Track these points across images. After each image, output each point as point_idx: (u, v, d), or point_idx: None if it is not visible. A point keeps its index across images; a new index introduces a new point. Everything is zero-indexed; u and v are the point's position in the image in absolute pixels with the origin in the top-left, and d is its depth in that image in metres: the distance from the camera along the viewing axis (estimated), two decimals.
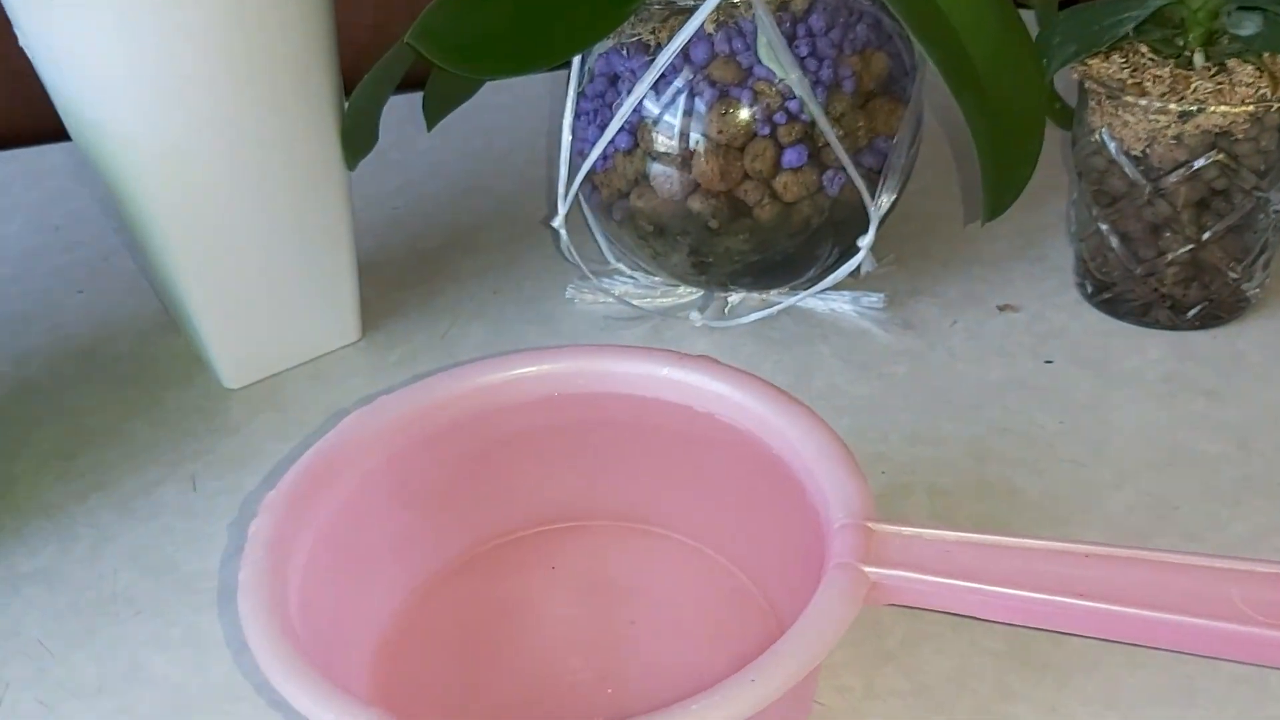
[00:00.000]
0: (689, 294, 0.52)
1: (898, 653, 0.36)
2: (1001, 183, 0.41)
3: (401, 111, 0.50)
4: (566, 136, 0.47)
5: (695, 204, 0.46)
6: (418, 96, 0.49)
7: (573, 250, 0.49)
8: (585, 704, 0.33)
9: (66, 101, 0.43)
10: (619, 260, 0.53)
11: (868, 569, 0.28)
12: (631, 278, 0.53)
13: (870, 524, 0.29)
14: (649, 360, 0.36)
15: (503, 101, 0.69)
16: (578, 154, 0.48)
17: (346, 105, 0.47)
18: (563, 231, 0.48)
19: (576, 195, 0.48)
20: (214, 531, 0.43)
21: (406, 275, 0.56)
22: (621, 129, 0.45)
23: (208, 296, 0.47)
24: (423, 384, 0.36)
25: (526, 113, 0.69)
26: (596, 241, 0.52)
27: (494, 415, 0.36)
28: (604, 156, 0.47)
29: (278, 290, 0.48)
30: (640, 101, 0.45)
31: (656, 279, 0.52)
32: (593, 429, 0.37)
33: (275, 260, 0.48)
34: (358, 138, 0.47)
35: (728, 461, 0.35)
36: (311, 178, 0.47)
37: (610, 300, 0.52)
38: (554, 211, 0.48)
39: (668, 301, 0.52)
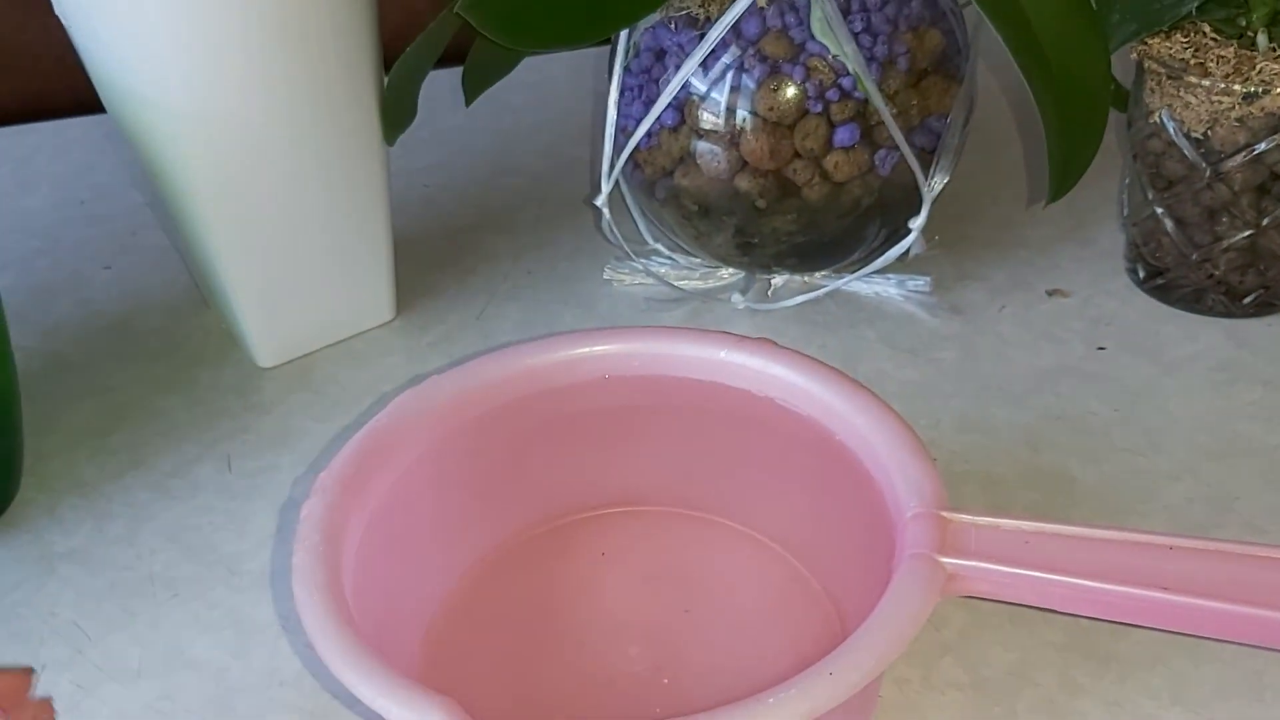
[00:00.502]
0: (730, 275, 0.51)
1: (956, 644, 0.35)
2: (1067, 162, 0.40)
3: (429, 87, 0.49)
4: (611, 113, 0.46)
5: (742, 183, 0.45)
6: (447, 73, 0.48)
7: (614, 229, 0.48)
8: (642, 693, 0.32)
9: (105, 76, 0.42)
10: (657, 240, 0.52)
11: (944, 559, 0.27)
12: (670, 258, 0.52)
13: (944, 513, 0.28)
14: (706, 343, 0.35)
15: (532, 79, 0.68)
16: (621, 131, 0.47)
17: (386, 79, 0.46)
18: (605, 210, 0.47)
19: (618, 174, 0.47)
20: (252, 512, 0.42)
21: (440, 254, 0.55)
22: (668, 105, 0.44)
23: (244, 274, 0.46)
24: (474, 364, 0.35)
25: (557, 90, 0.68)
26: (634, 221, 0.51)
27: (546, 397, 0.35)
28: (648, 134, 0.46)
29: (313, 268, 0.47)
30: (687, 77, 0.44)
31: (696, 260, 0.51)
32: (646, 412, 0.36)
33: (312, 238, 0.47)
34: (397, 112, 0.46)
35: (786, 447, 0.34)
36: (350, 154, 0.46)
37: (649, 281, 0.51)
38: (593, 190, 0.48)
39: (708, 283, 0.51)
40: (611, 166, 0.46)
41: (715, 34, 0.42)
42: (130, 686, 0.36)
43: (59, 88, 0.69)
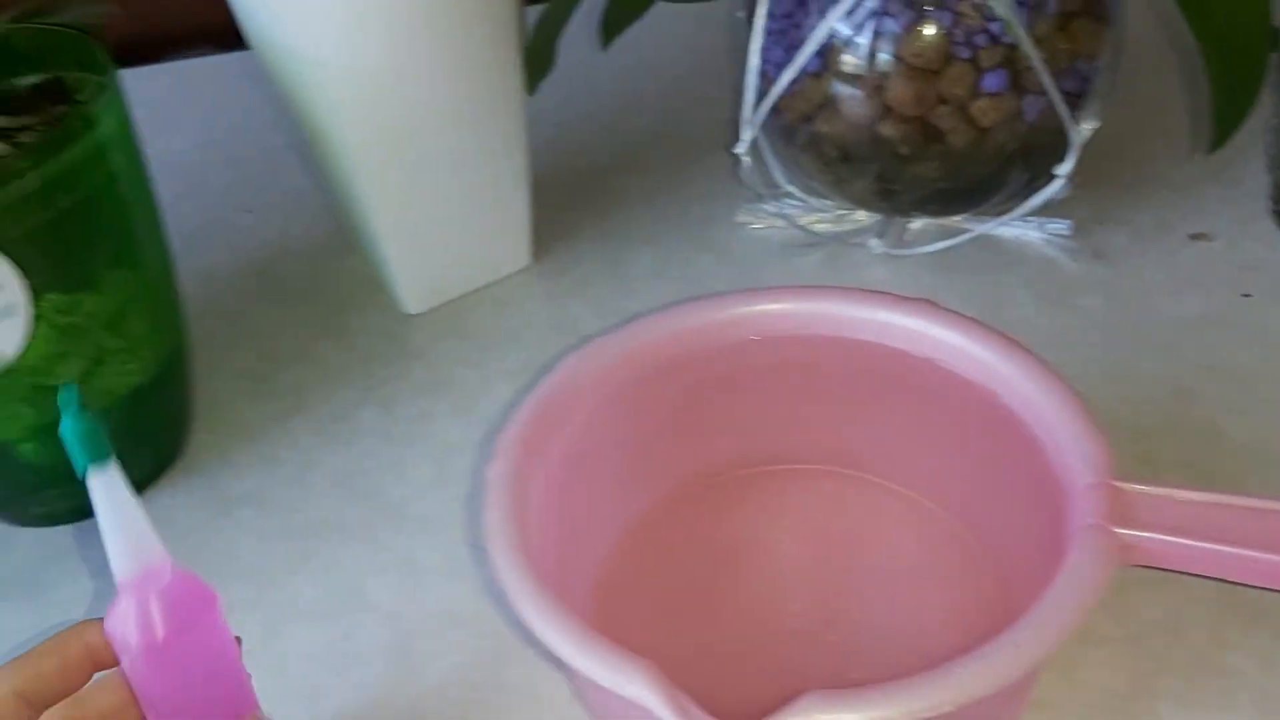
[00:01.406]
0: (865, 218, 0.51)
1: (1108, 600, 0.36)
2: (1229, 109, 0.40)
3: None
4: (754, 60, 0.46)
5: (886, 129, 0.45)
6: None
7: (757, 177, 0.48)
8: (808, 647, 0.33)
9: (263, 32, 0.43)
10: (791, 183, 0.52)
11: (1119, 530, 0.28)
12: (803, 201, 0.52)
13: (1118, 483, 0.29)
14: (866, 303, 0.35)
15: (659, 12, 0.68)
16: (760, 76, 0.47)
17: (530, 31, 0.46)
18: (746, 159, 0.47)
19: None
20: (413, 457, 0.44)
21: (572, 197, 0.56)
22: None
23: (394, 224, 0.47)
24: (635, 326, 0.36)
25: (682, 24, 0.67)
26: (768, 164, 0.51)
27: (705, 356, 0.36)
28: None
29: (458, 216, 0.49)
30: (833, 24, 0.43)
31: (829, 202, 0.51)
32: (803, 370, 0.36)
33: (457, 186, 0.48)
34: (538, 62, 0.47)
35: (945, 408, 0.35)
36: (493, 103, 0.46)
37: (781, 224, 0.51)
38: (724, 129, 0.48)
39: (842, 226, 0.51)
40: (754, 113, 0.46)
41: None
42: (313, 627, 0.39)
43: (185, 20, 0.70)
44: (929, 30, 0.43)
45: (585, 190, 0.56)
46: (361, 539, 0.41)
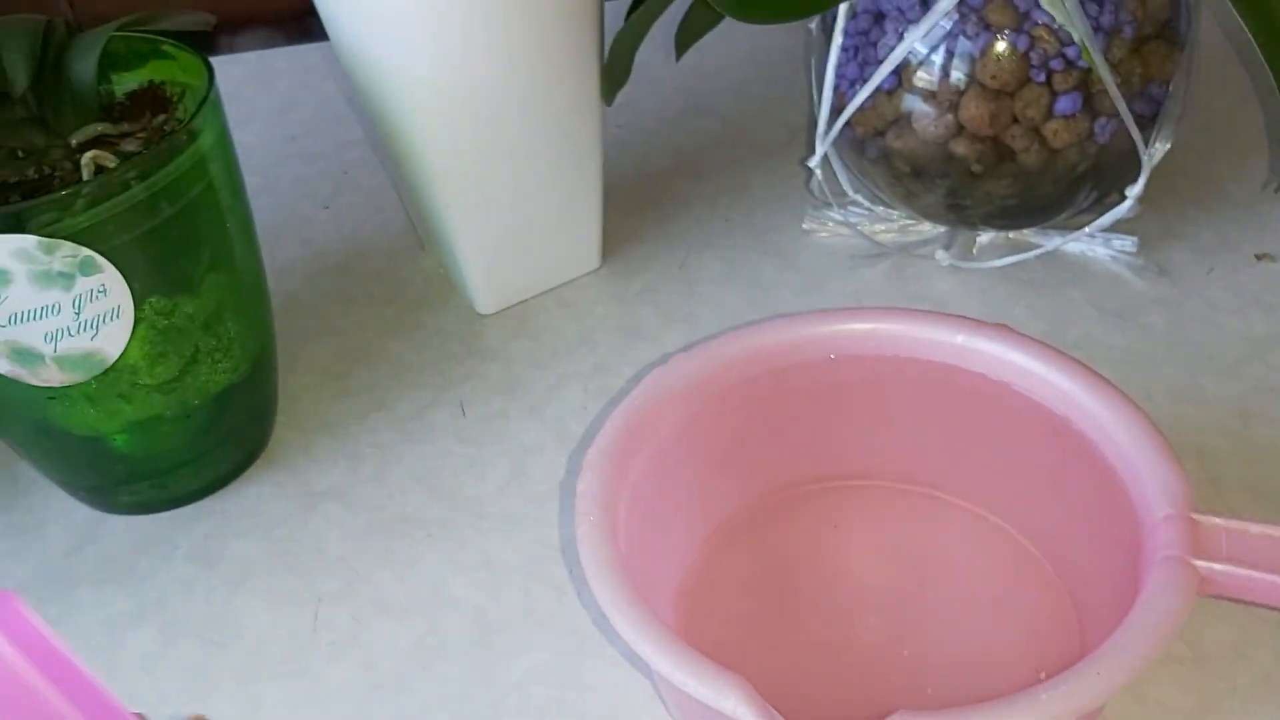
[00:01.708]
0: (932, 230, 0.52)
1: None
2: None
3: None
4: (830, 77, 0.46)
5: (958, 147, 0.46)
6: None
7: (825, 188, 0.49)
8: (883, 663, 0.35)
9: (347, 38, 0.44)
10: (857, 192, 0.53)
11: (1197, 562, 0.29)
12: (869, 210, 0.53)
13: (1195, 515, 0.30)
14: (943, 326, 0.36)
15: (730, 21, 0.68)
16: (834, 90, 0.47)
17: (609, 43, 0.47)
18: (818, 172, 0.48)
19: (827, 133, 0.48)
20: (490, 457, 0.45)
21: (637, 199, 0.57)
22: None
23: (470, 227, 0.49)
24: (720, 341, 0.37)
25: (754, 33, 0.68)
26: (835, 173, 0.52)
27: (783, 373, 0.37)
28: None
29: (533, 220, 0.50)
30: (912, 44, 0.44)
31: (895, 212, 0.52)
32: (880, 389, 0.37)
33: (534, 192, 0.49)
34: (617, 71, 0.48)
35: (1021, 432, 0.36)
36: (571, 111, 0.47)
37: (848, 233, 0.52)
38: (791, 139, 0.48)
39: (908, 237, 0.52)
40: (828, 128, 0.47)
41: (945, 5, 0.42)
42: (399, 621, 0.40)
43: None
44: (1006, 52, 0.43)
45: (647, 193, 0.57)
46: (442, 536, 0.43)
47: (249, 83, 0.69)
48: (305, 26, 1.01)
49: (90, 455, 0.43)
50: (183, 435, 0.43)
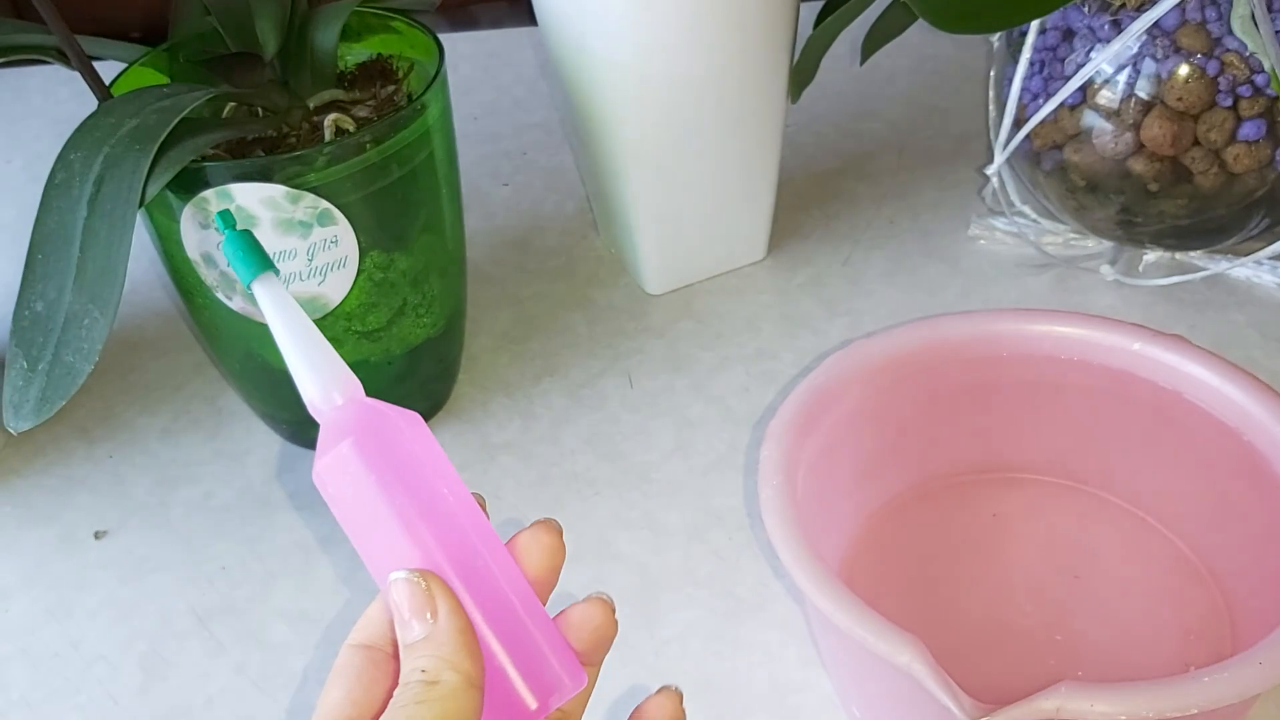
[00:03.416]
0: (1098, 245, 0.53)
1: None
2: None
3: None
4: (1015, 90, 0.48)
5: (1136, 165, 0.47)
6: None
7: (1000, 199, 0.51)
8: (1037, 645, 0.36)
9: (559, 30, 0.48)
10: (1025, 203, 0.54)
11: None
12: (1036, 221, 0.54)
13: None
14: (1121, 333, 0.38)
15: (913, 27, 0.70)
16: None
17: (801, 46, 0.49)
18: (995, 180, 0.50)
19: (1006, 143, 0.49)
20: (656, 427, 0.48)
21: (803, 196, 0.59)
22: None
23: (650, 209, 0.51)
24: (900, 330, 0.39)
25: (913, 38, 0.69)
26: (1004, 182, 0.54)
27: (956, 366, 0.39)
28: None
29: (710, 209, 0.52)
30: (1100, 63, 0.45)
31: (1062, 224, 0.53)
32: (1052, 390, 0.39)
33: (715, 183, 0.51)
34: (805, 71, 0.50)
35: (1187, 440, 0.37)
36: (759, 109, 0.50)
37: (1013, 242, 0.54)
38: (960, 147, 0.50)
39: (1074, 251, 0.53)
40: (1009, 138, 0.49)
41: (1138, 27, 0.44)
42: (567, 570, 0.43)
43: None
44: (1194, 75, 0.44)
45: (815, 191, 0.59)
46: (609, 495, 0.46)
47: None
48: (470, 15, 1.05)
49: (295, 391, 0.47)
50: (380, 381, 0.47)
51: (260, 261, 0.27)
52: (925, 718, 0.31)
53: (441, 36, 0.75)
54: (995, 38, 0.51)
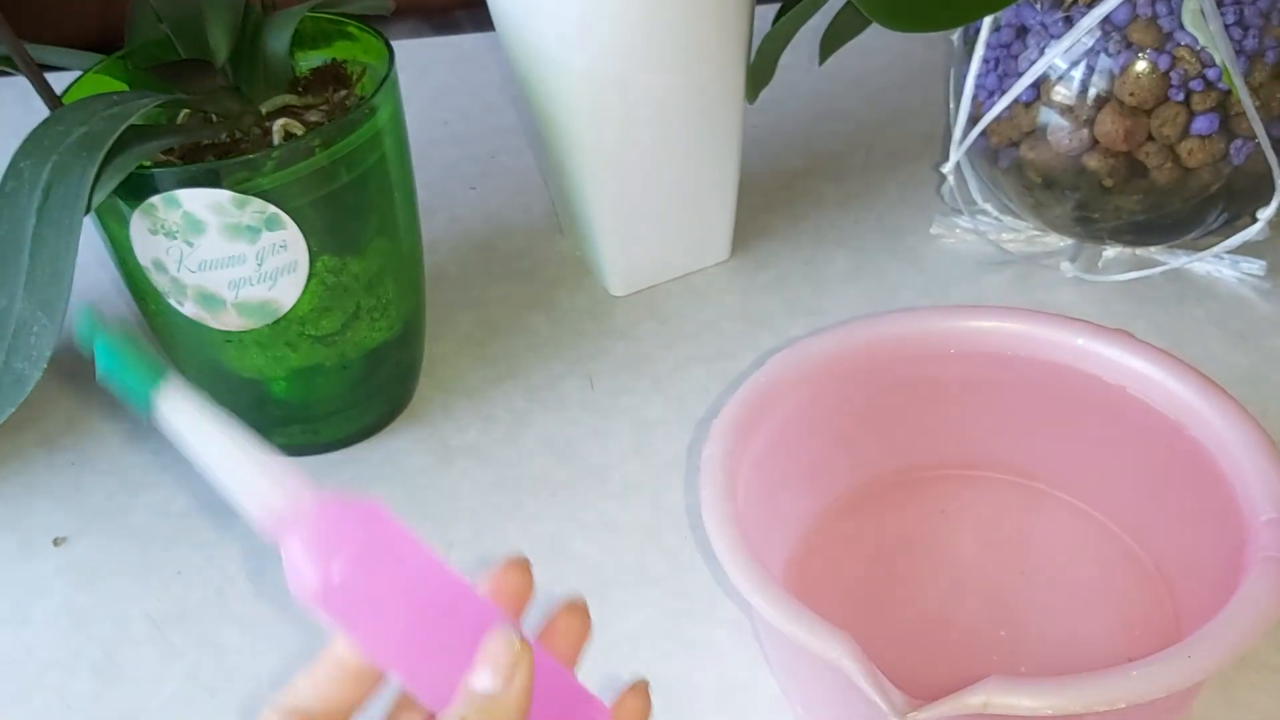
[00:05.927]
0: (1058, 242, 0.53)
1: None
2: None
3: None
4: (970, 87, 0.48)
5: (1091, 161, 0.47)
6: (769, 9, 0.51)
7: (957, 195, 0.51)
8: (980, 642, 0.36)
9: (514, 32, 0.48)
10: (986, 200, 0.54)
11: None
12: (996, 219, 0.54)
13: None
14: (1064, 328, 0.37)
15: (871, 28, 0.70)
16: (971, 100, 0.49)
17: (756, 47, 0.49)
18: (951, 178, 0.50)
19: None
20: (614, 429, 0.48)
21: (769, 197, 0.59)
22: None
23: (610, 213, 0.51)
24: (845, 328, 0.39)
25: (881, 38, 0.70)
26: (966, 181, 0.54)
27: (906, 364, 0.39)
28: None
29: (670, 210, 0.52)
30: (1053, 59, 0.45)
31: (1023, 222, 0.53)
32: (994, 385, 0.39)
33: (673, 183, 0.51)
34: (762, 72, 0.50)
35: (1131, 433, 0.37)
36: (716, 110, 0.50)
37: (974, 239, 0.54)
38: (923, 145, 0.50)
39: (1034, 247, 0.53)
40: (964, 136, 0.49)
41: (1088, 23, 0.44)
42: None
43: None
44: (1146, 70, 0.44)
45: (781, 192, 0.59)
46: (565, 497, 0.46)
47: (405, 69, 0.72)
48: (453, 19, 1.05)
49: (252, 397, 0.47)
50: (337, 385, 0.47)
51: (150, 372, 0.23)
52: (861, 714, 0.31)
53: (422, 42, 0.76)
54: (954, 36, 0.51)
